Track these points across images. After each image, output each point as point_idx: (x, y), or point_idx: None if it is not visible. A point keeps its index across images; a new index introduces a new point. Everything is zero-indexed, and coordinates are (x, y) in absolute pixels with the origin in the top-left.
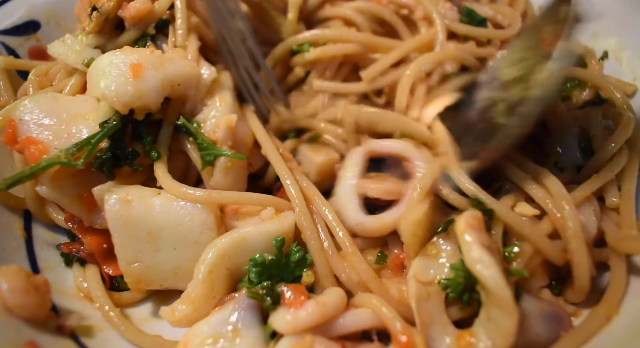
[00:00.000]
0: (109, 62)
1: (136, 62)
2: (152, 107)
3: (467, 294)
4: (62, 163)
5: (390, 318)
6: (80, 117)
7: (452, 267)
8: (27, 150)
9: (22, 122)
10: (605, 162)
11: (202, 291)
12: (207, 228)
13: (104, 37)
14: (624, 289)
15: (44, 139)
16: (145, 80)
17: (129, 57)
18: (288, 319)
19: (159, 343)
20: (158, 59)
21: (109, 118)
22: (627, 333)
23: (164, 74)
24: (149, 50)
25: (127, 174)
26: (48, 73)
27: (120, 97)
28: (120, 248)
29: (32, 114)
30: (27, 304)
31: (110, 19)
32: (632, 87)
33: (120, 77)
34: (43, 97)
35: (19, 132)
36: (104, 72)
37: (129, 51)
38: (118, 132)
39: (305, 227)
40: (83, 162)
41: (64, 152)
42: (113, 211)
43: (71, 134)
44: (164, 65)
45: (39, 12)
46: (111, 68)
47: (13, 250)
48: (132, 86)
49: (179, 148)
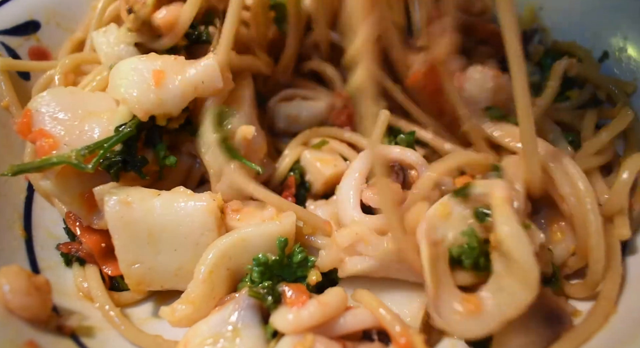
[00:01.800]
0: (133, 67)
1: (159, 69)
2: (173, 113)
3: (483, 258)
4: (72, 164)
5: (389, 320)
6: (95, 114)
7: (464, 233)
8: (39, 142)
9: (38, 113)
10: (591, 154)
11: (202, 291)
12: (208, 230)
13: (142, 36)
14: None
15: (56, 134)
16: (166, 87)
17: (153, 64)
18: (290, 319)
19: (159, 343)
20: (180, 65)
21: (125, 122)
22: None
23: (186, 78)
24: (172, 56)
25: (132, 178)
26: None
27: (141, 104)
28: (121, 250)
29: (49, 107)
30: (29, 305)
31: (148, 23)
32: (632, 87)
33: (143, 83)
34: (61, 90)
35: (33, 122)
36: (126, 76)
37: (154, 57)
38: (132, 138)
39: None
40: (93, 167)
41: (75, 153)
42: (113, 212)
43: (83, 131)
44: (186, 69)
45: (39, 12)
46: (134, 73)
47: (13, 250)
48: (154, 94)
49: (187, 150)
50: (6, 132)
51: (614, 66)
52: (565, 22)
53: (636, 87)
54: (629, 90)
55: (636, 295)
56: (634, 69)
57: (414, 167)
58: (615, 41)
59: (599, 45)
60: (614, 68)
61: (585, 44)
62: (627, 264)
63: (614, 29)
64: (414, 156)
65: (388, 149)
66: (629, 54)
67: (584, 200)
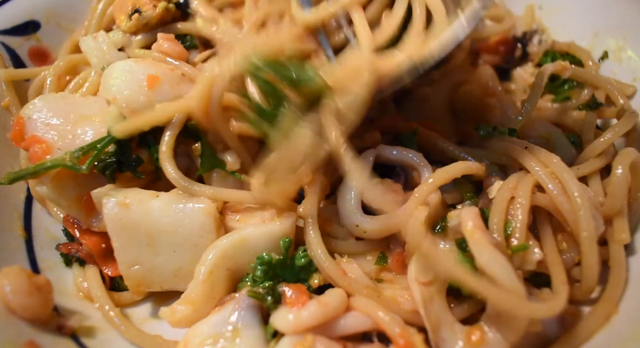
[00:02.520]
0: (128, 69)
1: (154, 74)
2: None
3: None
4: (67, 166)
5: (388, 322)
6: (87, 118)
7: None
8: (32, 149)
9: (30, 120)
10: (594, 156)
11: (202, 292)
12: (206, 231)
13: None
14: (622, 287)
15: (49, 139)
16: (158, 93)
17: (149, 68)
18: (290, 319)
19: (159, 343)
20: (176, 78)
21: (117, 123)
22: (627, 332)
23: (179, 93)
24: (170, 66)
25: (129, 179)
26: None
27: (129, 103)
28: (120, 252)
29: (40, 113)
30: (30, 305)
31: (150, 25)
32: (632, 89)
33: (135, 84)
34: (53, 96)
35: (26, 129)
36: (119, 76)
37: (151, 63)
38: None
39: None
40: (87, 167)
41: (69, 155)
42: (111, 215)
43: (76, 135)
44: (180, 86)
45: (39, 12)
46: (128, 74)
47: (13, 250)
48: (144, 95)
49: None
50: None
51: (614, 66)
52: (565, 22)
53: (636, 88)
54: (629, 92)
55: (637, 296)
56: (633, 69)
57: (415, 168)
58: (615, 41)
59: (599, 45)
60: (613, 68)
61: (585, 44)
62: (628, 264)
63: (614, 29)
64: (415, 157)
65: (390, 149)
66: (629, 54)
67: (576, 205)
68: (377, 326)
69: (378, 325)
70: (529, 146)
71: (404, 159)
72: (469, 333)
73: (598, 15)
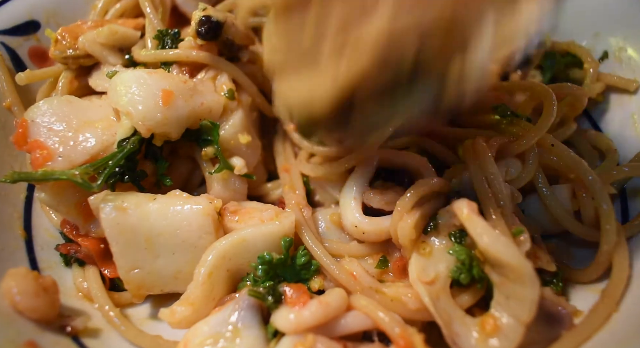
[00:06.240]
0: (141, 81)
1: (168, 89)
2: (173, 135)
3: (477, 268)
4: (78, 183)
5: (387, 322)
6: (90, 124)
7: (453, 251)
8: (33, 154)
9: (34, 124)
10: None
11: (201, 293)
12: (205, 232)
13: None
14: (624, 286)
15: (51, 145)
16: (174, 109)
17: (162, 82)
18: (291, 318)
19: (159, 343)
20: (189, 91)
21: (127, 136)
22: (628, 331)
23: (192, 107)
24: (182, 78)
25: (128, 186)
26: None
27: (146, 120)
28: (119, 256)
29: (44, 117)
30: (38, 306)
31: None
32: (635, 84)
33: (150, 99)
34: (58, 100)
35: (29, 133)
36: (132, 89)
37: (162, 75)
38: (134, 152)
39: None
40: (99, 185)
41: (79, 171)
42: (109, 219)
43: (77, 142)
44: (194, 98)
45: (39, 12)
46: (141, 88)
47: (13, 250)
48: (160, 112)
49: (187, 154)
50: (6, 134)
51: (614, 66)
52: (565, 22)
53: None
54: (632, 87)
55: (638, 295)
56: (633, 69)
57: (420, 172)
58: (615, 41)
59: (599, 45)
60: (614, 68)
61: (585, 44)
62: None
63: (614, 29)
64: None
65: (394, 153)
66: (629, 54)
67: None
68: (378, 325)
69: (378, 325)
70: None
71: (408, 163)
72: (482, 323)
73: (598, 15)
